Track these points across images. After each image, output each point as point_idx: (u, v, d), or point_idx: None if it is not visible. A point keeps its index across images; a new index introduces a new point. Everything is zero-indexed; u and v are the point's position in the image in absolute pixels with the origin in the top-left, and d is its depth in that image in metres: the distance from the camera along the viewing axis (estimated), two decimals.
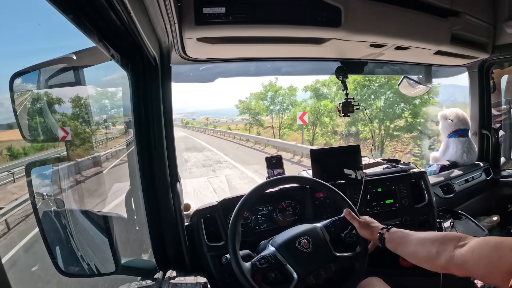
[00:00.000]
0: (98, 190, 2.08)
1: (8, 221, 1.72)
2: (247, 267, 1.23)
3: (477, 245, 0.94)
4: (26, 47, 1.92)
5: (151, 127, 1.35)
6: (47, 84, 1.15)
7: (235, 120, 42.29)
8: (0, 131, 1.31)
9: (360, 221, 1.31)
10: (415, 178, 1.88)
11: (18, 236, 1.71)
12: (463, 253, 0.96)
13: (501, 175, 2.63)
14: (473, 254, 0.93)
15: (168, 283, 1.30)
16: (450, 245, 1.01)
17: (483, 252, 0.91)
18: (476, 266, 0.92)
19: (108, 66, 1.23)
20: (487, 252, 0.90)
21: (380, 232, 1.23)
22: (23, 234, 1.88)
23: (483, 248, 0.92)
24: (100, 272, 1.18)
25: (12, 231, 1.74)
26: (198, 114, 72.21)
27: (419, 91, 2.39)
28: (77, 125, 1.55)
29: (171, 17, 1.10)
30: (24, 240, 1.73)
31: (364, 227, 1.29)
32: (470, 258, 0.93)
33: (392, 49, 1.66)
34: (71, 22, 0.76)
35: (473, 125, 2.65)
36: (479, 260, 0.91)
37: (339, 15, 1.32)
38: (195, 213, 1.59)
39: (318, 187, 1.52)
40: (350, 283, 1.31)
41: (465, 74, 2.61)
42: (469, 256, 0.94)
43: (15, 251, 1.69)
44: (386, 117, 17.47)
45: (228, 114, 56.35)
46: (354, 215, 1.33)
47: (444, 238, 1.05)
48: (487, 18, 1.97)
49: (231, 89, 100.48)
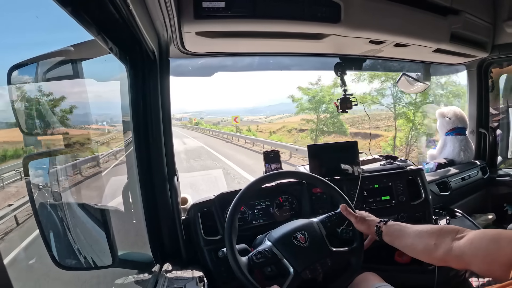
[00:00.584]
0: (96, 183, 2.09)
1: (17, 217, 1.73)
2: (243, 261, 1.23)
3: (476, 237, 0.94)
4: (24, 40, 1.93)
5: (149, 120, 1.35)
6: (45, 77, 1.14)
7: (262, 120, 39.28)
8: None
9: (356, 215, 1.31)
10: (412, 175, 1.89)
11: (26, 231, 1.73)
12: (461, 245, 0.96)
13: (497, 174, 2.64)
14: (471, 245, 0.93)
15: (164, 277, 1.31)
16: (448, 237, 1.01)
17: (481, 244, 0.91)
18: (474, 258, 0.92)
19: (106, 60, 1.23)
20: (485, 244, 0.90)
21: (377, 225, 1.24)
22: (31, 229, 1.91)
23: (481, 240, 0.92)
24: (97, 265, 1.18)
25: (21, 226, 1.75)
26: (206, 113, 70.80)
27: (417, 88, 2.39)
28: (75, 118, 1.56)
29: (170, 11, 1.09)
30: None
31: (360, 221, 1.30)
32: (469, 250, 0.93)
33: (391, 46, 1.65)
34: (69, 14, 0.76)
35: (471, 123, 2.66)
36: (477, 251, 0.91)
37: (339, 11, 1.32)
38: (192, 207, 1.60)
39: (315, 183, 1.52)
40: (345, 277, 1.32)
41: (464, 72, 2.62)
42: (467, 248, 0.94)
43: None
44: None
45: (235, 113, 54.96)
46: (351, 211, 1.34)
47: (442, 231, 1.05)
48: (487, 17, 1.97)
49: (236, 88, 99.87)
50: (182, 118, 70.58)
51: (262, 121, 43.47)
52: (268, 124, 38.29)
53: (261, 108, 76.16)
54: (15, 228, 1.77)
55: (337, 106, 1.97)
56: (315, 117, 19.61)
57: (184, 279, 1.31)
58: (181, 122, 61.26)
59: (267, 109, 68.82)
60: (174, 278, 1.32)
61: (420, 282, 1.73)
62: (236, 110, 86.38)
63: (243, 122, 38.76)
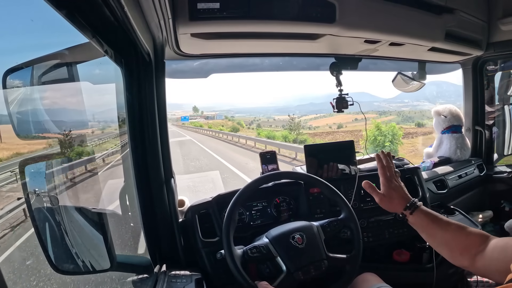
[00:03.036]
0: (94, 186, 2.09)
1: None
2: (238, 253, 1.25)
3: (489, 248, 0.95)
4: (18, 43, 1.92)
5: (145, 122, 1.34)
6: (40, 81, 1.14)
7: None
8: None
9: (380, 194, 1.24)
10: (409, 174, 1.89)
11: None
12: (481, 259, 0.97)
13: (494, 171, 2.66)
14: (486, 257, 0.95)
15: (163, 279, 1.31)
16: (472, 248, 1.00)
17: (493, 255, 0.93)
18: (489, 269, 0.94)
19: (101, 62, 1.22)
20: (497, 254, 0.92)
21: (412, 202, 1.16)
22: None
23: (493, 251, 0.94)
24: (95, 269, 1.17)
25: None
26: (234, 112, 69.38)
27: (413, 87, 2.40)
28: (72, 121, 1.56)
29: (165, 13, 1.09)
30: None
31: (387, 201, 1.22)
32: (486, 262, 0.95)
33: (387, 45, 1.66)
34: (64, 17, 0.76)
35: (467, 121, 2.67)
36: (491, 262, 0.93)
37: (334, 11, 1.32)
38: (189, 209, 1.59)
39: (313, 183, 1.52)
40: (339, 284, 1.32)
41: (459, 70, 2.63)
42: (485, 261, 0.95)
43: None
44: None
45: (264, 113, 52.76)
46: (375, 187, 1.27)
47: (468, 238, 1.02)
48: (481, 15, 1.99)
49: (260, 86, 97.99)
50: (216, 116, 67.81)
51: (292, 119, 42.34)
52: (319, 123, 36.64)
53: (290, 107, 75.36)
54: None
55: (333, 106, 1.97)
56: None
57: (183, 281, 1.31)
58: (212, 121, 57.86)
59: (296, 108, 67.99)
60: (172, 280, 1.32)
61: (419, 280, 1.73)
62: (264, 109, 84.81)
63: (276, 121, 37.15)
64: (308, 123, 34.44)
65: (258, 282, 1.18)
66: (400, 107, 37.57)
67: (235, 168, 14.74)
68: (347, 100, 1.94)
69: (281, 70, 2.14)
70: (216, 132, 37.92)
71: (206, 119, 77.99)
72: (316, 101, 27.35)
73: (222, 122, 55.79)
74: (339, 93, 1.95)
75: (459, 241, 1.04)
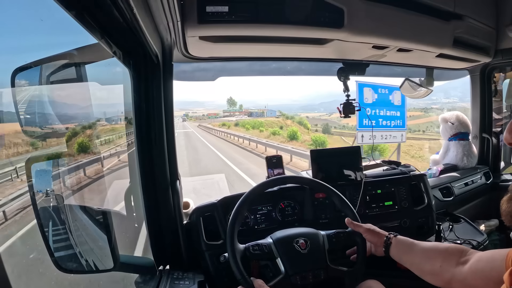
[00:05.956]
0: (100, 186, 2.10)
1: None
2: (239, 248, 1.25)
3: (475, 261, 0.99)
4: (28, 43, 1.93)
5: (152, 124, 1.35)
6: (48, 80, 1.14)
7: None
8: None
9: (365, 227, 1.31)
10: (415, 181, 1.88)
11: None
12: (463, 271, 1.00)
13: (500, 179, 2.62)
14: (471, 270, 0.98)
15: (166, 281, 1.31)
16: (452, 260, 1.05)
17: (478, 266, 0.97)
18: (475, 281, 0.96)
19: (110, 63, 1.23)
20: (482, 265, 0.96)
21: (388, 236, 1.24)
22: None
23: (478, 263, 0.98)
24: (99, 268, 1.18)
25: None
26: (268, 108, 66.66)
27: (420, 93, 2.39)
28: (80, 122, 1.57)
29: (174, 15, 1.10)
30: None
31: (370, 232, 1.29)
32: (470, 274, 0.98)
33: (394, 51, 1.65)
34: (73, 18, 0.76)
35: (474, 128, 2.65)
36: (476, 275, 0.96)
37: (342, 16, 1.32)
38: (194, 211, 1.59)
39: (318, 188, 1.52)
40: None
41: (467, 77, 2.61)
42: (469, 273, 0.99)
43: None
44: None
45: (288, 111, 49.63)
46: (357, 223, 1.34)
47: (448, 252, 1.08)
48: (490, 22, 1.97)
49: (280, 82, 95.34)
50: (265, 113, 62.79)
51: (325, 118, 39.92)
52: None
53: (314, 105, 74.29)
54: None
55: (339, 111, 1.97)
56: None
57: (185, 283, 1.31)
58: (260, 119, 51.86)
59: (320, 106, 66.86)
60: (175, 282, 1.32)
61: None
62: (288, 107, 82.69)
63: (310, 120, 33.55)
64: (342, 121, 33.34)
65: (254, 279, 1.18)
66: (429, 104, 36.90)
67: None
68: (354, 106, 1.94)
69: (289, 74, 2.14)
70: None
71: (249, 116, 68.28)
72: (339, 98, 26.90)
73: (276, 121, 42.84)
74: (346, 98, 1.95)
75: (439, 253, 1.10)
